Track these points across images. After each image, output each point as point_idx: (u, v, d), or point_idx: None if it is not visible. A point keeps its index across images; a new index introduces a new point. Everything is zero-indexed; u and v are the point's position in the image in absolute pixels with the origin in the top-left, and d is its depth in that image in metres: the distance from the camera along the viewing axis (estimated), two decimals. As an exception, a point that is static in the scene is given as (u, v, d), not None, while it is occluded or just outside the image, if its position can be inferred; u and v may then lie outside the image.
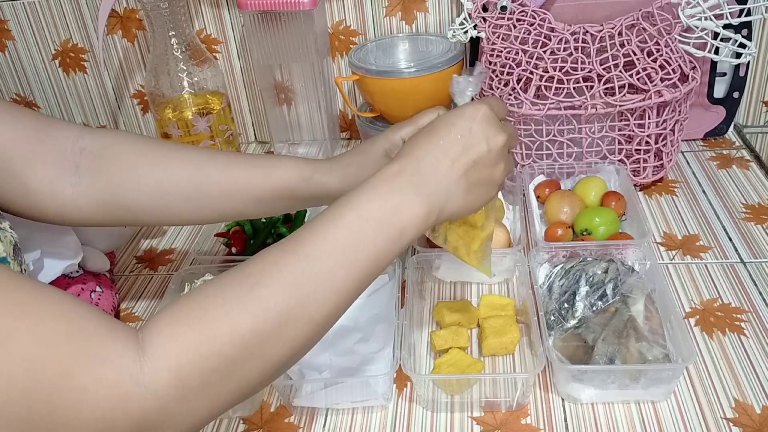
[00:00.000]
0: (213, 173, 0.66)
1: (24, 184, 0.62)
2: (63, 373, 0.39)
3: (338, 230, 0.49)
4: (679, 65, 0.90)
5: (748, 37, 0.99)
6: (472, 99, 0.62)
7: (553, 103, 0.90)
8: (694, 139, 1.10)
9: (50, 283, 0.76)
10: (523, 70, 0.93)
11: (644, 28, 0.90)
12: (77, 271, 0.80)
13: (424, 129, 0.57)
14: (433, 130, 0.56)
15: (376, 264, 0.50)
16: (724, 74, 1.05)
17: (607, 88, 0.91)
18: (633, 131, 0.91)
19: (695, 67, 0.91)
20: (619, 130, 0.92)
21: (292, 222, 0.92)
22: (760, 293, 0.78)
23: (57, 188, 0.63)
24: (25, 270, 0.62)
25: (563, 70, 0.91)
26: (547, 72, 0.91)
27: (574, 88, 0.90)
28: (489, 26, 0.95)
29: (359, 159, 0.69)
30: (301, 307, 0.46)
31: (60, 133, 0.64)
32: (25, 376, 0.38)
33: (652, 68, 0.89)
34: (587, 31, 0.92)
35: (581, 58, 0.91)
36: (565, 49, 0.92)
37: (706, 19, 0.88)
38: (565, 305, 0.72)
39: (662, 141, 0.93)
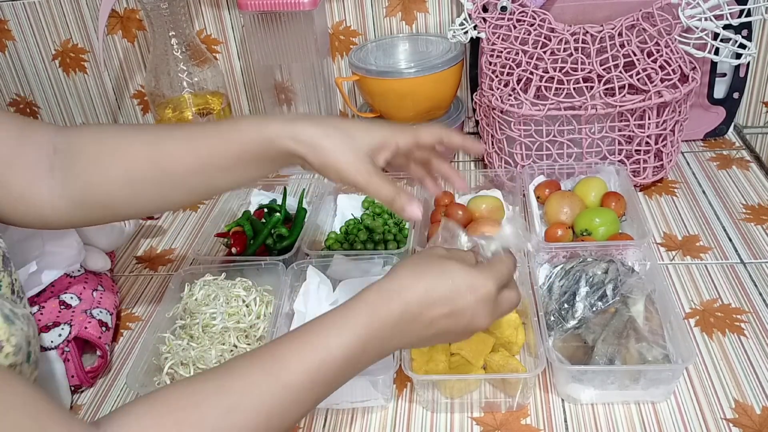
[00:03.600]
0: (174, 151, 0.63)
1: (6, 188, 0.60)
2: None
3: (321, 365, 0.50)
4: (679, 66, 0.90)
5: (748, 38, 0.99)
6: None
7: (553, 104, 0.90)
8: (694, 140, 1.10)
9: (52, 283, 0.76)
10: (523, 71, 0.93)
11: (644, 29, 0.91)
12: (78, 270, 0.80)
13: (433, 275, 0.55)
14: (435, 288, 0.54)
15: (333, 390, 0.53)
16: (724, 75, 1.05)
17: (607, 89, 0.91)
18: (633, 132, 0.91)
19: (695, 67, 0.91)
20: (619, 130, 0.92)
21: (292, 222, 0.93)
22: (760, 294, 0.78)
23: (35, 191, 0.61)
24: (15, 280, 0.60)
25: (563, 71, 0.91)
26: (547, 72, 0.91)
27: (574, 88, 0.90)
28: (489, 27, 0.95)
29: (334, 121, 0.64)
30: None
31: (36, 134, 0.63)
32: None
33: (652, 69, 0.89)
34: (587, 32, 0.92)
35: (581, 58, 0.91)
36: (565, 50, 0.92)
37: (706, 19, 0.88)
38: (565, 306, 0.72)
39: (662, 141, 0.93)
